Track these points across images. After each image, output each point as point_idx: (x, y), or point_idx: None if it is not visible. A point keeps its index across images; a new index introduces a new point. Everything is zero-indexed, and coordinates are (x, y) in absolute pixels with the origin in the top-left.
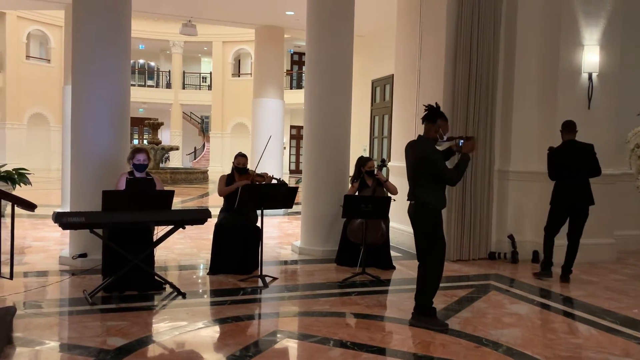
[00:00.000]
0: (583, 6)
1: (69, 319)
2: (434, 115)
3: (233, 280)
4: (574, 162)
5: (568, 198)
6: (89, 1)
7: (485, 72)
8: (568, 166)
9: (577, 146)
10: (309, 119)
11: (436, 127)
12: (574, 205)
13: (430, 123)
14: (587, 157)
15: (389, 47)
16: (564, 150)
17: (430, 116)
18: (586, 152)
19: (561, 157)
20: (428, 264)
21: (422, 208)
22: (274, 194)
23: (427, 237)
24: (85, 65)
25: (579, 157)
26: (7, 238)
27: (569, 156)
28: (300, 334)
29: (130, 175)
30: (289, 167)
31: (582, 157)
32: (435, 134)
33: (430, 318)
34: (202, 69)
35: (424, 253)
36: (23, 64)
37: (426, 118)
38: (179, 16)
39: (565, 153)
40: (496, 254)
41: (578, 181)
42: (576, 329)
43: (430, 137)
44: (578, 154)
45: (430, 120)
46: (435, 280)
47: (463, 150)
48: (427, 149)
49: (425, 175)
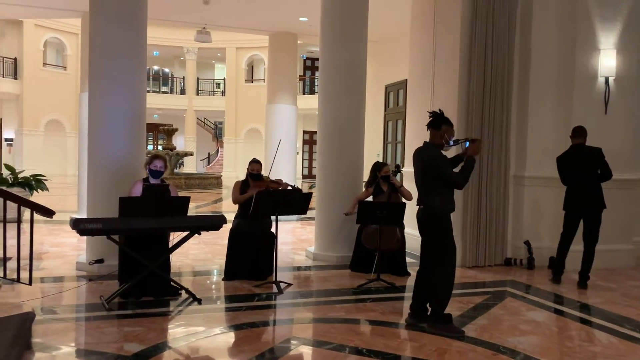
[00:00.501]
0: (599, 10)
1: (86, 324)
2: (438, 121)
3: (248, 286)
4: (581, 166)
5: (577, 202)
6: (105, 9)
7: (500, 77)
8: (575, 170)
9: (585, 150)
10: (322, 124)
11: (441, 132)
12: (584, 209)
13: (435, 129)
14: (595, 161)
15: (402, 52)
16: (571, 154)
17: (434, 122)
18: (594, 156)
19: (568, 162)
20: (440, 271)
21: (429, 212)
22: (288, 200)
23: (436, 242)
24: (102, 73)
25: (587, 161)
26: (26, 244)
27: (576, 160)
28: (315, 340)
29: (145, 182)
30: (301, 172)
31: (590, 161)
32: (441, 139)
33: (446, 325)
34: (216, 75)
35: (434, 259)
36: (40, 72)
37: (431, 124)
38: (194, 23)
39: (572, 158)
40: (512, 260)
41: (587, 185)
42: (594, 337)
43: (435, 142)
44: (585, 158)
45: (435, 126)
46: (448, 286)
47: (468, 153)
48: (433, 154)
49: (432, 180)
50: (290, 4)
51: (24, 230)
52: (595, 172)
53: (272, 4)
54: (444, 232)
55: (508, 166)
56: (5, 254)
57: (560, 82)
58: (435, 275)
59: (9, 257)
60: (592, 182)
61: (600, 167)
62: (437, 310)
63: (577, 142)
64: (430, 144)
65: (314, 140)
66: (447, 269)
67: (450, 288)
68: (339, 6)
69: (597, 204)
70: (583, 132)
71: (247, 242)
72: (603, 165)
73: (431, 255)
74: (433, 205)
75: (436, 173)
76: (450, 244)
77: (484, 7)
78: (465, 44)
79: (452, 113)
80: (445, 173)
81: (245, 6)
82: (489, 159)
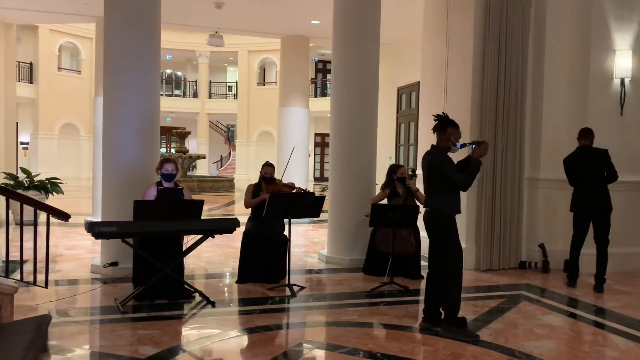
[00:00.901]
0: (614, 10)
1: (101, 327)
2: (443, 124)
3: (261, 289)
4: (586, 167)
5: (583, 204)
6: (119, 14)
7: (514, 79)
8: (581, 172)
9: (590, 152)
10: (335, 127)
11: (447, 135)
12: (589, 211)
13: (440, 132)
14: (600, 163)
15: (414, 55)
16: (577, 156)
17: (440, 125)
18: (599, 158)
19: (574, 163)
20: (446, 274)
21: (434, 214)
22: (301, 203)
23: (440, 244)
24: (116, 77)
25: (592, 163)
26: (41, 247)
27: (581, 162)
28: (329, 344)
29: (159, 185)
30: (313, 174)
31: (595, 162)
32: (447, 142)
33: (460, 329)
34: (228, 78)
35: (439, 261)
36: (55, 76)
37: (436, 128)
38: (207, 27)
39: (577, 159)
40: (527, 264)
41: (591, 187)
42: (612, 342)
43: (442, 145)
44: (590, 160)
45: (440, 129)
46: (456, 288)
47: (474, 155)
48: (438, 156)
49: (438, 183)
50: (302, 7)
51: (39, 233)
52: (600, 174)
53: (284, 7)
54: (448, 234)
55: (522, 168)
56: (22, 257)
57: (575, 84)
58: (443, 278)
59: (25, 259)
60: (597, 184)
61: (606, 169)
62: (449, 314)
63: (583, 144)
64: (437, 147)
65: (325, 142)
66: (453, 271)
67: (458, 290)
68: (352, 9)
69: (602, 206)
70: (589, 134)
71: (260, 245)
72: (608, 167)
73: (437, 257)
74: (437, 207)
75: (441, 175)
76: (454, 246)
77: (497, 9)
78: (478, 45)
79: (465, 115)
80: (450, 175)
81: (258, 10)
82: (503, 162)
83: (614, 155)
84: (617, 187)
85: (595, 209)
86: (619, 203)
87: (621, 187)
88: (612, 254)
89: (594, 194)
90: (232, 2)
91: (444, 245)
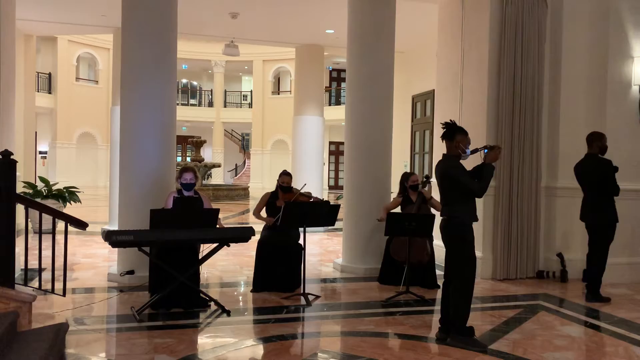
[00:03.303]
0: (632, 16)
1: (118, 335)
2: (451, 132)
3: (276, 298)
4: (584, 178)
5: (581, 213)
6: (136, 25)
7: (530, 87)
8: (580, 181)
9: (592, 162)
10: (350, 135)
11: (456, 142)
12: (583, 221)
13: (449, 140)
14: (597, 174)
15: (429, 63)
16: (578, 165)
17: (448, 133)
18: (600, 169)
19: (576, 173)
20: (458, 282)
21: (449, 222)
22: (316, 212)
23: (455, 252)
24: (133, 87)
25: (591, 174)
26: (59, 255)
27: (580, 172)
28: (345, 354)
29: (179, 194)
30: (327, 183)
31: (593, 174)
32: (457, 149)
33: (469, 338)
34: (243, 87)
35: (454, 270)
36: (73, 86)
37: (445, 136)
38: (222, 37)
39: (578, 169)
40: (544, 273)
41: (587, 197)
42: (633, 353)
43: (453, 153)
44: (589, 171)
45: (449, 137)
46: (467, 298)
47: (486, 161)
48: (450, 165)
49: (452, 191)
50: (317, 16)
51: (57, 241)
52: (598, 186)
53: (299, 17)
54: (463, 243)
55: (540, 177)
56: (41, 265)
57: (592, 91)
58: (454, 287)
59: (43, 268)
60: (593, 195)
61: (604, 181)
62: (457, 323)
63: (589, 152)
64: (448, 156)
65: (340, 151)
66: (465, 280)
67: (468, 300)
68: (366, 18)
69: (594, 218)
70: (592, 140)
71: (275, 253)
72: (607, 180)
73: (450, 266)
74: (452, 215)
75: (455, 183)
76: (469, 255)
77: (513, 16)
78: (493, 53)
79: (481, 123)
80: (463, 182)
81: (272, 19)
82: (520, 170)
83: (632, 163)
84: (635, 196)
85: (587, 219)
86: (635, 211)
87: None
88: (631, 264)
89: (587, 204)
90: (247, 12)
91: (458, 254)
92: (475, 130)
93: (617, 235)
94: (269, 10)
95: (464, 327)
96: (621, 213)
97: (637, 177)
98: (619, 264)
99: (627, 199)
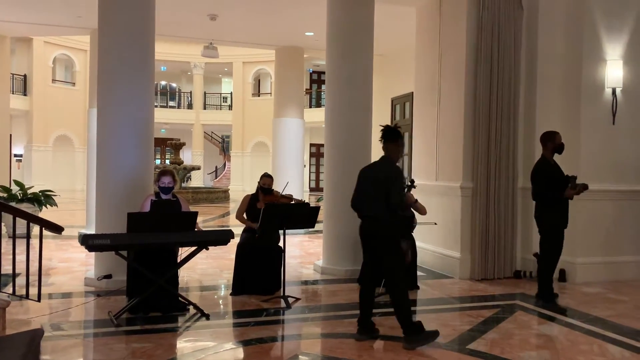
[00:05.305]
0: (605, 21)
1: (95, 340)
2: (395, 134)
3: (256, 301)
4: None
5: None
6: (113, 26)
7: (507, 90)
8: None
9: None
10: (329, 137)
11: (397, 145)
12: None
13: (392, 143)
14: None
15: (408, 66)
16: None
17: (391, 136)
18: (533, 170)
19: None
20: (392, 283)
21: (378, 224)
22: (296, 214)
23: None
24: (110, 89)
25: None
26: (34, 260)
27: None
28: (324, 356)
29: (157, 197)
30: (308, 185)
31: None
32: (397, 152)
33: (420, 334)
34: (223, 89)
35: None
36: (49, 88)
37: (387, 139)
38: (201, 39)
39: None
40: (522, 273)
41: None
42: (607, 351)
43: (392, 156)
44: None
45: (392, 140)
46: (404, 297)
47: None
48: (392, 170)
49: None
50: (296, 19)
51: (32, 246)
52: (537, 190)
53: (279, 19)
54: (392, 245)
55: (516, 178)
56: (15, 270)
57: (567, 94)
58: (390, 288)
59: (17, 273)
60: (538, 199)
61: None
62: (406, 325)
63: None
64: (390, 160)
65: (320, 153)
66: (399, 281)
67: (405, 298)
68: (345, 21)
69: (542, 223)
70: (542, 141)
71: (255, 256)
72: (533, 183)
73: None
74: (382, 217)
75: (388, 189)
76: (397, 255)
77: (489, 21)
78: (470, 57)
79: (458, 126)
80: (394, 192)
81: (252, 21)
82: (497, 171)
83: (606, 164)
84: (608, 197)
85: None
86: (610, 211)
87: (613, 196)
88: (606, 263)
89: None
90: (226, 14)
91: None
92: (452, 133)
93: (593, 235)
94: (248, 12)
95: (413, 325)
96: (595, 213)
97: (610, 178)
98: (593, 263)
99: (601, 199)
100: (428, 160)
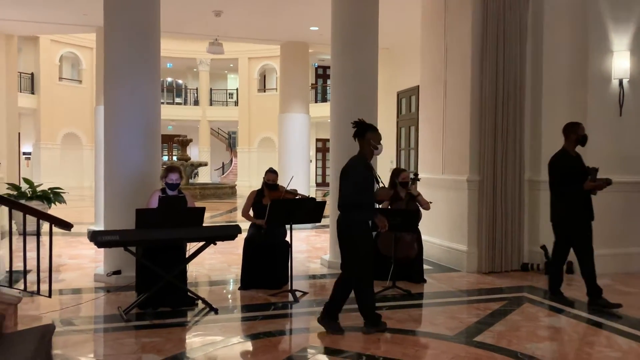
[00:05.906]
0: (611, 12)
1: (105, 335)
2: (362, 130)
3: (264, 295)
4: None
5: None
6: (119, 23)
7: (513, 82)
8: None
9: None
10: (335, 132)
11: (367, 140)
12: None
13: (361, 138)
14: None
15: (413, 59)
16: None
17: (359, 132)
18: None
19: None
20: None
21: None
22: (302, 209)
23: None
24: (117, 86)
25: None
26: (45, 256)
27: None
28: (332, 349)
29: (163, 193)
30: (315, 180)
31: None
32: (369, 146)
33: (378, 325)
34: (229, 85)
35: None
36: (56, 86)
37: (356, 135)
38: (206, 35)
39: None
40: (529, 265)
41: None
42: (615, 342)
43: (364, 151)
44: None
45: (360, 135)
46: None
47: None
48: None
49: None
50: (301, 14)
51: (42, 242)
52: (551, 181)
53: (283, 14)
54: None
55: (523, 171)
56: (26, 267)
57: (573, 85)
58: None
59: (28, 269)
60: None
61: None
62: (368, 315)
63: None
64: (357, 154)
65: (326, 147)
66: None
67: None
68: (350, 15)
69: (551, 215)
70: (564, 131)
71: (262, 251)
72: (549, 175)
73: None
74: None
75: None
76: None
77: (495, 13)
78: (476, 49)
79: (464, 118)
80: (342, 187)
81: (257, 17)
82: (503, 164)
83: (613, 156)
84: (616, 189)
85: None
86: (617, 203)
87: (621, 188)
88: (614, 255)
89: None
90: (231, 10)
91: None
92: (458, 125)
93: (601, 227)
94: (252, 8)
95: (374, 315)
96: (603, 206)
97: (617, 170)
98: (602, 255)
99: (608, 191)
100: (434, 153)
